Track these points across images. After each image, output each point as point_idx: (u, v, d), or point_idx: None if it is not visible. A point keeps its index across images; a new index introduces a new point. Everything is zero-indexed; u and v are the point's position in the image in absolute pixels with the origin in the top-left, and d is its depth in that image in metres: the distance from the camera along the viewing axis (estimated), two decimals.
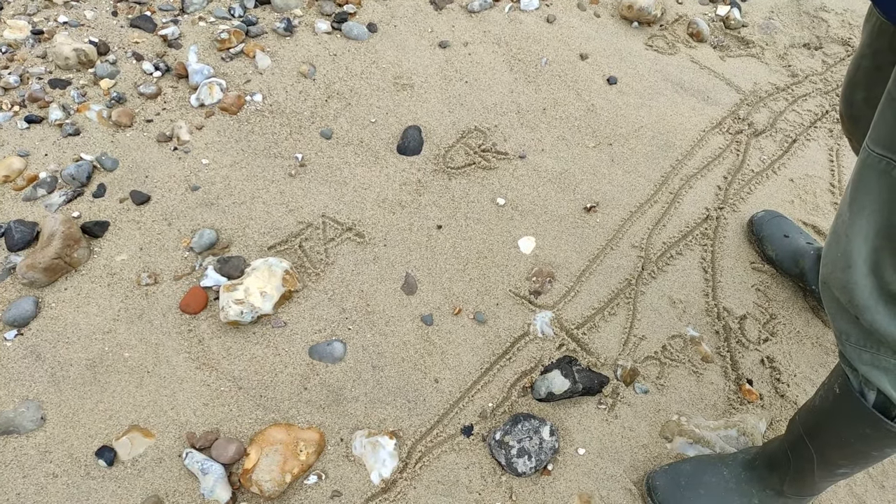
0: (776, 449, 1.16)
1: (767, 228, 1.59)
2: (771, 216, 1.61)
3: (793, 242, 1.54)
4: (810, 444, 1.04)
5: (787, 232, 1.57)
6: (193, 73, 1.76)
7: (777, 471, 1.15)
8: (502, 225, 1.62)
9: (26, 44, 1.79)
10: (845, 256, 0.79)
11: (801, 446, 1.07)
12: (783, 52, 2.15)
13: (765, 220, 1.61)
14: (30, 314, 1.36)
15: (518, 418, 1.30)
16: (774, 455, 1.16)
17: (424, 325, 1.44)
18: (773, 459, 1.16)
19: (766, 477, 1.17)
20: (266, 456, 1.22)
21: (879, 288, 0.77)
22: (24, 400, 1.28)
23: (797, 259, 1.52)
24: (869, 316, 0.79)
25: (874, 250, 0.76)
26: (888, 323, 0.78)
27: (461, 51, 1.99)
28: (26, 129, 1.64)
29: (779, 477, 1.15)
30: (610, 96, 1.94)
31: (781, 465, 1.13)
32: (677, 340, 1.47)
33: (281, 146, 1.70)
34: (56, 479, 1.20)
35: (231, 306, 1.36)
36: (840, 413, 0.95)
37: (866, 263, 0.77)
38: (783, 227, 1.58)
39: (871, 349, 0.83)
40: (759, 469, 1.19)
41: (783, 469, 1.13)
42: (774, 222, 1.59)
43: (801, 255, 1.51)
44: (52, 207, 1.52)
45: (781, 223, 1.59)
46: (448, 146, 1.76)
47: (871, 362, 0.85)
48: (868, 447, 0.94)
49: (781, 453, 1.13)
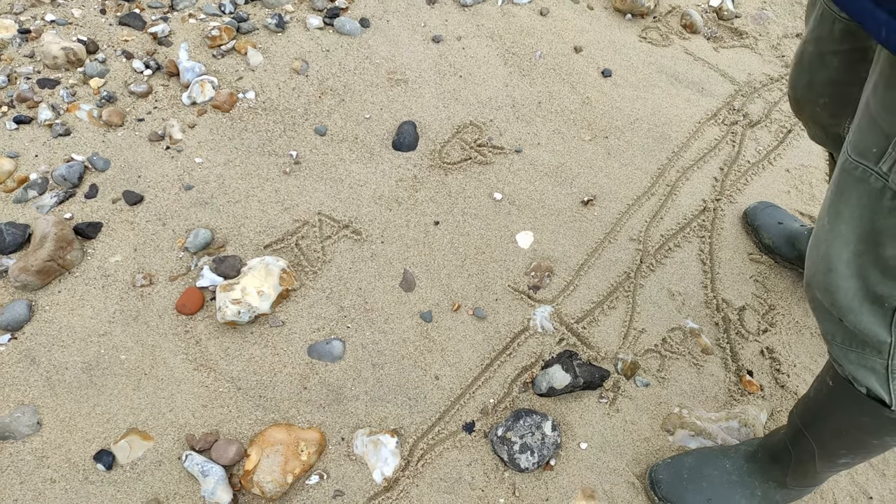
0: (777, 441, 1.16)
1: (761, 217, 1.60)
2: (763, 206, 1.63)
3: (787, 227, 1.57)
4: (809, 436, 1.05)
5: (781, 219, 1.59)
6: (185, 70, 1.74)
7: (779, 463, 1.15)
8: (500, 220, 1.61)
9: (13, 43, 1.77)
10: (826, 260, 0.79)
11: (800, 439, 1.07)
12: (776, 42, 2.15)
13: (758, 209, 1.63)
14: (23, 318, 1.34)
15: (520, 414, 1.30)
16: (776, 447, 1.16)
17: (424, 321, 1.43)
18: (774, 452, 1.16)
19: (769, 469, 1.17)
20: (267, 457, 1.21)
21: (864, 290, 0.77)
22: (19, 405, 1.26)
23: (793, 242, 1.54)
24: (853, 317, 0.79)
25: (856, 254, 0.76)
26: (872, 324, 0.78)
27: (455, 45, 1.97)
28: (15, 129, 1.62)
29: (781, 469, 1.15)
30: (605, 89, 1.93)
31: (783, 457, 1.14)
32: (677, 333, 1.47)
33: (275, 144, 1.68)
34: (54, 485, 1.19)
35: (228, 306, 1.34)
36: (836, 403, 0.96)
37: (849, 267, 0.77)
38: (776, 215, 1.60)
39: (857, 349, 0.84)
40: (762, 461, 1.19)
41: (785, 461, 1.13)
42: (767, 211, 1.61)
43: (796, 237, 1.54)
44: (43, 209, 1.50)
45: (774, 211, 1.61)
46: (444, 141, 1.74)
47: (857, 361, 0.85)
48: (867, 435, 0.95)
49: (783, 446, 1.14)
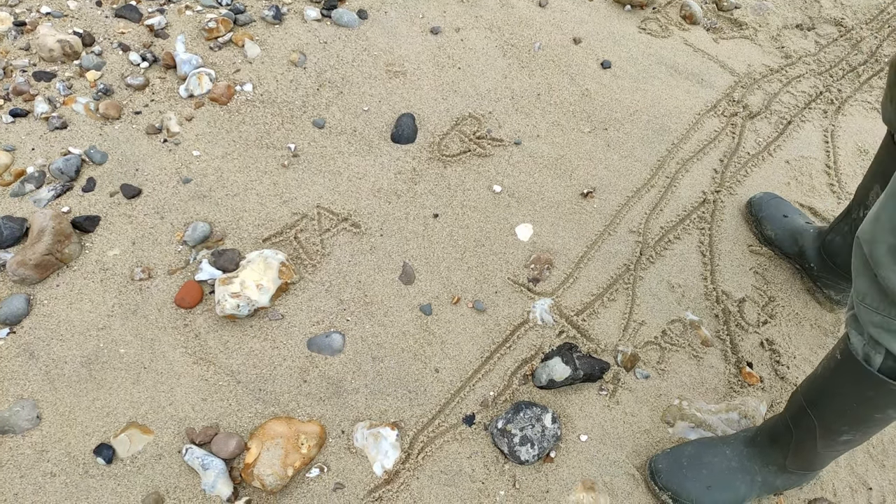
0: (777, 422, 1.17)
1: (766, 209, 1.60)
2: (769, 197, 1.63)
3: (791, 222, 1.56)
4: (812, 412, 1.06)
5: (786, 212, 1.58)
6: (181, 63, 1.73)
7: (778, 443, 1.16)
8: (499, 212, 1.61)
9: (8, 35, 1.75)
10: (876, 210, 0.83)
11: (802, 416, 1.08)
12: (776, 33, 2.14)
13: (763, 200, 1.62)
14: (22, 312, 1.34)
15: (520, 406, 1.30)
16: (775, 428, 1.17)
17: (423, 314, 1.43)
18: (774, 433, 1.17)
19: (768, 451, 1.18)
20: (267, 450, 1.20)
21: None
22: (18, 399, 1.25)
23: (796, 237, 1.53)
24: (884, 272, 0.83)
25: None
26: None
27: (453, 37, 1.96)
28: (11, 122, 1.60)
29: (780, 450, 1.16)
30: (604, 80, 1.92)
31: (783, 436, 1.15)
32: (677, 325, 1.47)
33: (273, 136, 1.68)
34: (54, 479, 1.19)
35: (227, 300, 1.34)
36: (843, 378, 0.98)
37: (890, 221, 0.80)
38: (781, 208, 1.59)
39: (884, 312, 0.86)
40: (761, 444, 1.20)
41: (784, 441, 1.14)
42: (773, 203, 1.61)
43: (799, 233, 1.53)
44: (40, 203, 1.49)
45: (780, 204, 1.61)
46: (442, 134, 1.74)
47: (881, 325, 0.87)
48: (871, 410, 0.97)
49: (783, 425, 1.15)
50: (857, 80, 2.03)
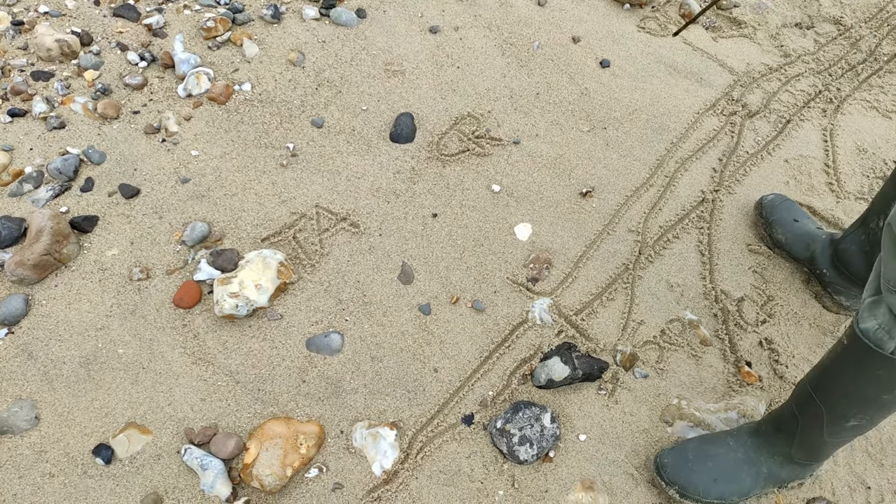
0: (782, 411, 1.18)
1: (778, 212, 1.58)
2: (780, 200, 1.60)
3: (803, 227, 1.54)
4: (819, 399, 1.06)
5: (797, 216, 1.57)
6: (180, 62, 1.73)
7: (783, 432, 1.16)
8: (498, 212, 1.61)
9: (6, 35, 1.75)
10: None
11: (808, 403, 1.09)
12: (775, 32, 2.14)
13: (774, 203, 1.60)
14: (20, 312, 1.34)
15: (519, 406, 1.30)
16: (781, 416, 1.17)
17: (422, 314, 1.43)
18: (779, 422, 1.18)
19: (774, 441, 1.18)
20: (266, 450, 1.20)
21: None
22: (17, 399, 1.25)
23: (808, 243, 1.52)
24: None
25: None
26: None
27: (452, 36, 1.96)
28: (9, 122, 1.60)
29: (785, 439, 1.16)
30: (603, 79, 1.92)
31: (788, 425, 1.15)
32: (676, 324, 1.47)
33: (271, 136, 1.67)
34: (53, 479, 1.19)
35: (226, 300, 1.34)
36: (851, 361, 0.99)
37: None
38: (793, 212, 1.58)
39: None
40: (766, 434, 1.20)
41: (790, 430, 1.15)
42: (784, 206, 1.59)
43: (812, 239, 1.52)
44: (39, 203, 1.49)
45: (790, 207, 1.59)
46: (441, 133, 1.74)
47: None
48: (880, 391, 0.98)
49: (789, 414, 1.15)
50: (856, 79, 2.02)
